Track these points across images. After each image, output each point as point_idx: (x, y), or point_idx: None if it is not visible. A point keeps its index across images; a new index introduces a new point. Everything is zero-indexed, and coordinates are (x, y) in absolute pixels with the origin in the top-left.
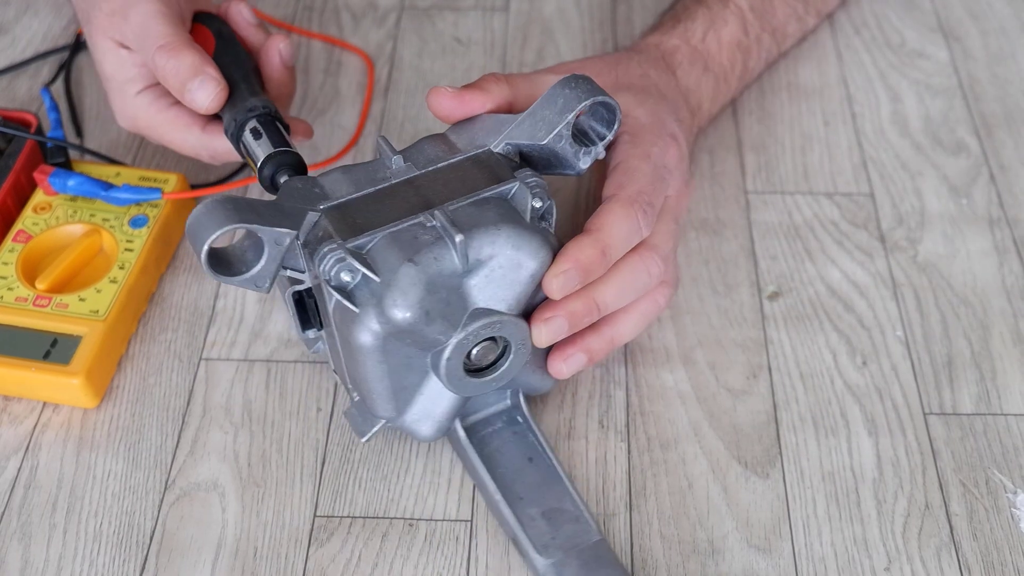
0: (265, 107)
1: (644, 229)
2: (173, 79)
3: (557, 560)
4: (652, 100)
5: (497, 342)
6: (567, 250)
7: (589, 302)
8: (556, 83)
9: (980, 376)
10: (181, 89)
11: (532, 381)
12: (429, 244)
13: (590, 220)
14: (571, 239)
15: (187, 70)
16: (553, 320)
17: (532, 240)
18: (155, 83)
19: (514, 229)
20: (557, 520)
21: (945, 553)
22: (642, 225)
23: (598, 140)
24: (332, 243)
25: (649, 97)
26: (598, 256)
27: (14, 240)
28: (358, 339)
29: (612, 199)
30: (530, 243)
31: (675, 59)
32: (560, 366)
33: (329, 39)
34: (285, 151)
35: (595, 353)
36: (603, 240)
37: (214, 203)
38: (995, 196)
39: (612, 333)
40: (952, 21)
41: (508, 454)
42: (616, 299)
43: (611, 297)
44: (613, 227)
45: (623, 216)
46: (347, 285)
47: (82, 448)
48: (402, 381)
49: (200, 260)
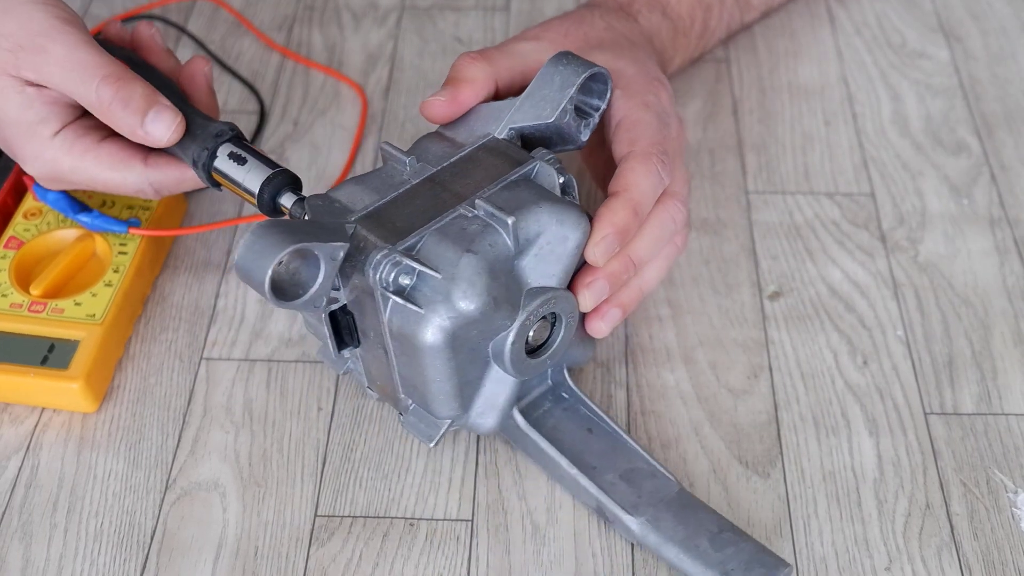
0: (232, 130)
1: (666, 178)
2: (123, 112)
3: (650, 516)
4: (627, 50)
5: (547, 318)
6: (601, 216)
7: (626, 260)
8: (547, 63)
9: (981, 376)
10: (135, 123)
11: (575, 353)
12: (480, 232)
13: (613, 182)
14: (601, 205)
15: (140, 100)
16: (595, 283)
17: (572, 213)
18: (72, 121)
19: (553, 205)
20: (636, 479)
21: (946, 553)
22: (663, 175)
23: (592, 111)
24: (383, 249)
25: (623, 49)
26: (631, 216)
27: (5, 247)
28: (427, 339)
29: (629, 156)
30: (571, 216)
31: (633, 7)
32: (599, 324)
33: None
34: (281, 171)
35: (627, 305)
36: (633, 199)
37: (262, 231)
38: (996, 196)
39: (639, 283)
40: (953, 21)
41: (566, 430)
42: (649, 252)
43: (645, 252)
44: (639, 184)
45: (644, 172)
46: (405, 288)
47: (83, 448)
48: (467, 376)
49: (264, 291)
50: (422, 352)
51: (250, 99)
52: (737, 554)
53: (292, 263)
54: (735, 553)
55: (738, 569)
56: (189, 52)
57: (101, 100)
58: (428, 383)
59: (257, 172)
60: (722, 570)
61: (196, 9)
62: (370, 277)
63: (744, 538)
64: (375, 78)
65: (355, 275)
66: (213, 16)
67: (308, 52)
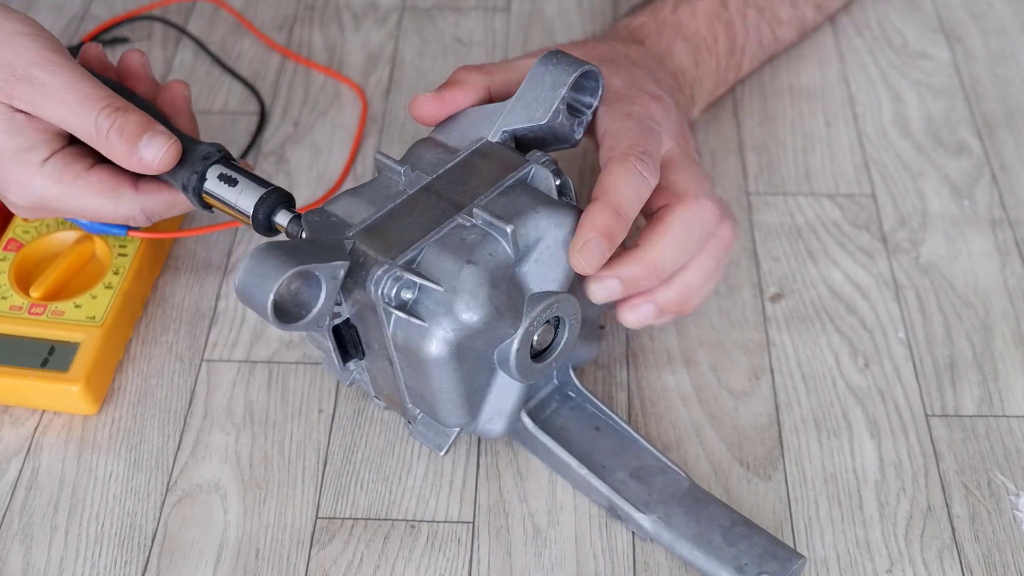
0: (220, 151)
1: (649, 177)
2: (119, 139)
3: (661, 514)
4: (623, 68)
5: (551, 322)
6: (582, 221)
7: (646, 266)
8: (537, 63)
9: (982, 378)
10: (129, 150)
11: (580, 353)
12: (479, 242)
13: (593, 189)
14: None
15: (134, 127)
16: (606, 280)
17: (570, 215)
18: (61, 148)
19: (551, 208)
20: (646, 477)
21: (947, 555)
22: (644, 174)
23: (585, 109)
24: (382, 264)
25: (619, 66)
26: (613, 217)
27: (5, 249)
28: (432, 352)
29: (607, 161)
30: (569, 218)
31: (641, 32)
32: (627, 314)
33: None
34: (274, 189)
35: (664, 305)
36: (612, 201)
37: (262, 254)
38: (997, 197)
39: (684, 281)
40: (953, 22)
41: (574, 429)
42: (673, 256)
43: (668, 256)
44: (616, 185)
45: (622, 173)
46: (407, 302)
47: (83, 450)
48: (473, 384)
49: (267, 315)
50: (428, 364)
51: (250, 100)
52: (750, 548)
53: (293, 285)
54: (748, 547)
55: (752, 563)
56: (190, 53)
57: (100, 130)
58: (435, 394)
59: (249, 192)
60: (736, 565)
61: (196, 9)
62: (372, 293)
63: (757, 531)
64: (375, 78)
65: (356, 290)
66: (213, 16)
67: (308, 52)
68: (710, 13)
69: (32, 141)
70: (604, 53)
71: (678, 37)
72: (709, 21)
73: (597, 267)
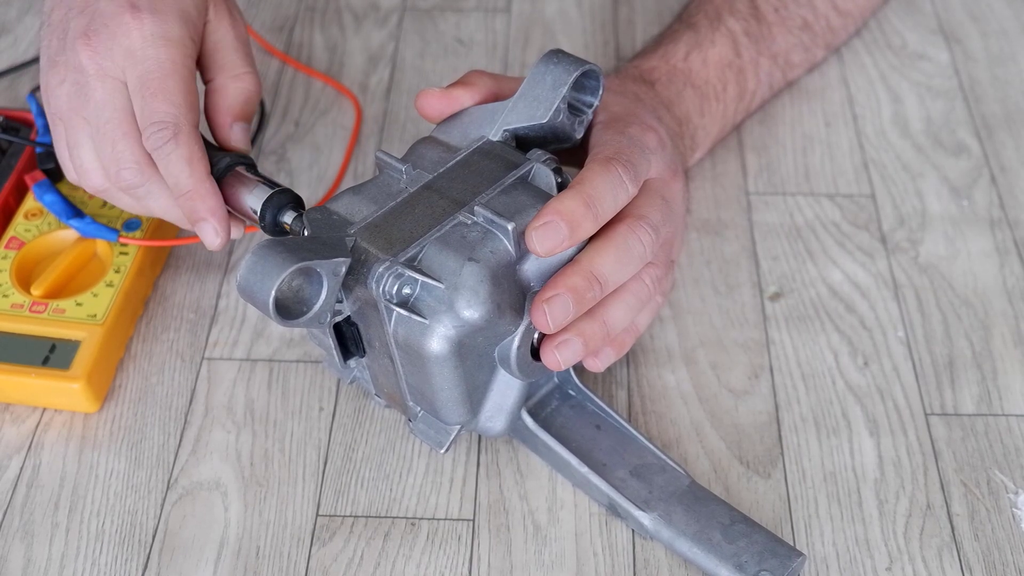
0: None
1: (629, 185)
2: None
3: (661, 511)
4: (627, 100)
5: None
6: (547, 203)
7: (587, 274)
8: (538, 62)
9: (981, 377)
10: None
11: None
12: (480, 240)
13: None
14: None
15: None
16: (555, 299)
17: None
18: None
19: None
20: (646, 475)
21: (947, 553)
22: (624, 179)
23: (586, 108)
24: (384, 261)
25: (624, 98)
26: (581, 206)
27: (6, 247)
28: (433, 349)
29: (588, 162)
30: None
31: (652, 75)
32: (552, 354)
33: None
34: (282, 190)
35: (589, 338)
36: (585, 191)
37: (264, 251)
38: (996, 197)
39: (604, 315)
40: (953, 23)
41: (575, 428)
42: (613, 271)
43: (608, 269)
44: (593, 180)
45: (601, 171)
46: (408, 299)
47: (84, 447)
48: (474, 382)
49: (268, 312)
50: (428, 361)
51: None
52: (750, 546)
53: (295, 281)
54: (748, 545)
55: (751, 561)
56: None
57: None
58: (436, 391)
59: (259, 193)
60: (736, 562)
61: None
62: (373, 290)
63: (756, 529)
64: (376, 79)
65: (357, 287)
66: None
67: (309, 53)
68: (722, 62)
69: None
70: (614, 86)
71: (688, 85)
72: (720, 69)
73: (552, 252)
